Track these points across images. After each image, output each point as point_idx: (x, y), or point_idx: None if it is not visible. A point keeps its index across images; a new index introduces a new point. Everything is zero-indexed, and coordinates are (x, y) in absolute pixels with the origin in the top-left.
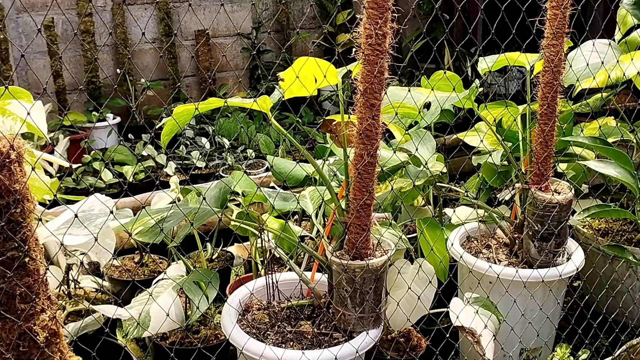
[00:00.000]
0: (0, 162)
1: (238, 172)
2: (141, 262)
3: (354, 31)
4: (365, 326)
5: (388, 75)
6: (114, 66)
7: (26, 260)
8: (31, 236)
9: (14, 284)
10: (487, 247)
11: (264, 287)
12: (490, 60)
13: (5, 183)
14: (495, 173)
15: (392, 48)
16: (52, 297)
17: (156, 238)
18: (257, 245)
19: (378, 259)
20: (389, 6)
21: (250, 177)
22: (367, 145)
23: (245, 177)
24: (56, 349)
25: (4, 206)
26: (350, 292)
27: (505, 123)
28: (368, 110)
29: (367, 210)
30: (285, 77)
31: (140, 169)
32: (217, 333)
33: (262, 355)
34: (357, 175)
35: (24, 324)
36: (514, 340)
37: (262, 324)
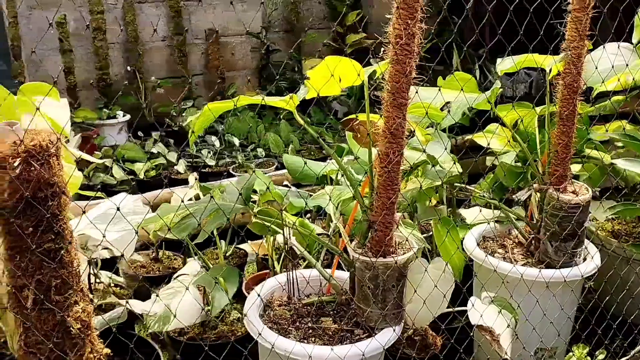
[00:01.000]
0: (41, 156)
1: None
2: (156, 258)
3: (364, 31)
4: (387, 323)
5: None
6: (124, 64)
7: (62, 252)
8: (67, 229)
9: (50, 276)
10: (502, 247)
11: (283, 284)
12: (509, 62)
13: (45, 176)
14: (510, 174)
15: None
16: (85, 290)
17: (183, 233)
18: (273, 242)
19: (402, 256)
20: (420, 6)
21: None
22: (393, 144)
23: (263, 175)
24: (87, 340)
25: (43, 199)
26: (373, 289)
27: (521, 124)
28: (395, 110)
29: (391, 208)
30: (311, 75)
31: (151, 166)
32: (233, 329)
33: (291, 352)
34: (383, 174)
35: (59, 314)
36: (530, 339)
37: (284, 319)
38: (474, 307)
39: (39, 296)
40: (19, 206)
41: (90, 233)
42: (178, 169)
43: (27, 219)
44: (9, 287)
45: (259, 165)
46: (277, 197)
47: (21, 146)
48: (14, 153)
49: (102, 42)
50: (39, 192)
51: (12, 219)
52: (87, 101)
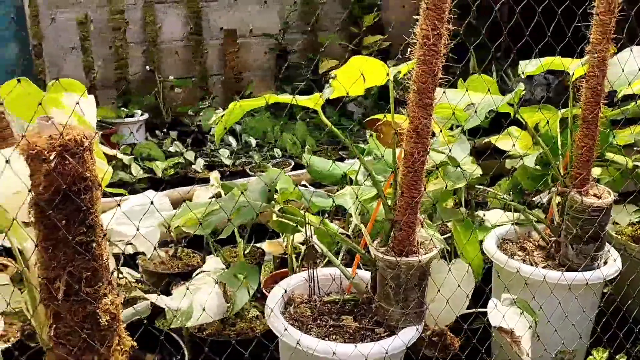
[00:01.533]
0: (75, 150)
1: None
2: (175, 255)
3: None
4: (408, 322)
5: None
6: (143, 63)
7: (93, 245)
8: (98, 222)
9: (82, 268)
10: (522, 250)
11: (303, 282)
12: (534, 64)
13: (79, 170)
14: (530, 176)
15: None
16: (113, 283)
17: (207, 230)
18: (292, 241)
19: (424, 256)
20: (447, 8)
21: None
22: (418, 144)
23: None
24: (115, 333)
25: (76, 192)
26: (394, 288)
27: (546, 127)
28: (421, 110)
29: (415, 208)
30: (338, 75)
31: (169, 164)
32: (252, 326)
33: (315, 349)
34: (407, 174)
35: (89, 306)
36: (549, 342)
37: (305, 317)
38: (494, 309)
39: (71, 288)
40: (53, 199)
41: (118, 228)
42: (196, 168)
43: (60, 211)
44: (40, 278)
45: (275, 165)
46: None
47: (57, 140)
48: (50, 147)
49: (121, 42)
50: (72, 185)
51: (47, 211)
52: (106, 100)
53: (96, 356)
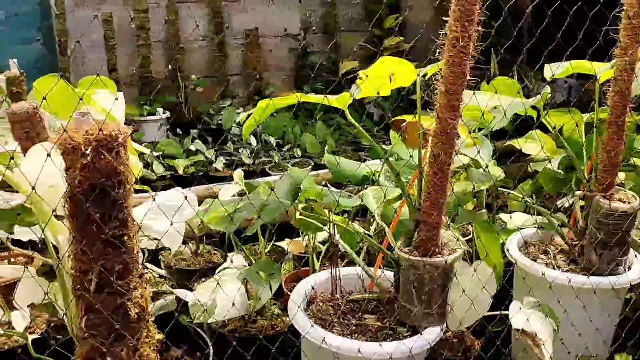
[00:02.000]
0: (110, 145)
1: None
2: (197, 252)
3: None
4: (431, 322)
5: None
6: (165, 62)
7: (125, 239)
8: (130, 216)
9: (113, 261)
10: (544, 253)
11: (326, 281)
12: (559, 67)
13: (113, 165)
14: (552, 180)
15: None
16: (143, 276)
17: (230, 227)
18: (315, 240)
19: (449, 256)
20: (477, 10)
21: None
22: (445, 145)
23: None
24: (144, 325)
25: (110, 187)
26: (418, 288)
27: (575, 131)
28: (449, 111)
29: (440, 209)
30: (364, 75)
31: (190, 162)
32: (273, 323)
33: (339, 348)
34: (433, 174)
35: (120, 299)
36: (570, 346)
37: (327, 315)
38: (517, 312)
39: (103, 280)
40: (88, 193)
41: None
42: (216, 167)
43: (95, 205)
44: (73, 270)
45: (295, 165)
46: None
47: (94, 135)
48: (86, 142)
49: (145, 40)
50: (107, 180)
51: (82, 205)
52: (128, 97)
53: (125, 348)
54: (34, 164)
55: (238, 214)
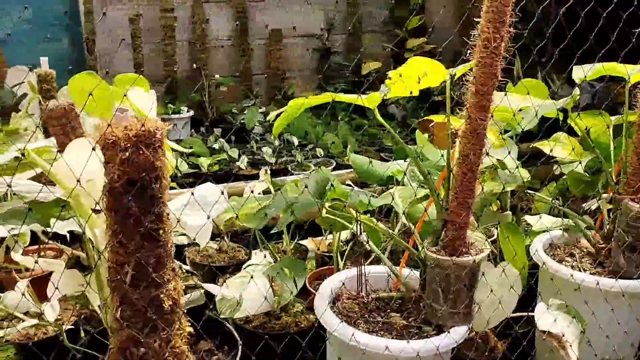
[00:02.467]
0: (148, 141)
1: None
2: (221, 248)
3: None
4: (456, 321)
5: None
6: (190, 61)
7: (160, 232)
8: (165, 211)
9: (149, 254)
10: (570, 256)
11: (351, 279)
12: (589, 69)
13: (151, 160)
14: (578, 183)
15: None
16: (176, 269)
17: (260, 223)
18: (339, 238)
19: (475, 256)
20: (509, 11)
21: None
22: (474, 145)
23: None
24: (176, 318)
25: (148, 181)
26: (444, 287)
27: (594, 133)
28: (479, 111)
29: (468, 209)
30: (392, 75)
31: (214, 161)
32: (297, 320)
33: (367, 344)
34: (462, 175)
35: (154, 291)
36: (597, 349)
37: (352, 312)
38: (543, 314)
39: (138, 273)
40: (126, 187)
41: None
42: (239, 165)
43: (132, 199)
44: (109, 263)
45: (317, 164)
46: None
47: (133, 131)
48: (126, 137)
49: (170, 40)
50: (145, 174)
51: (120, 199)
52: None
53: (158, 339)
54: (73, 158)
55: (267, 211)
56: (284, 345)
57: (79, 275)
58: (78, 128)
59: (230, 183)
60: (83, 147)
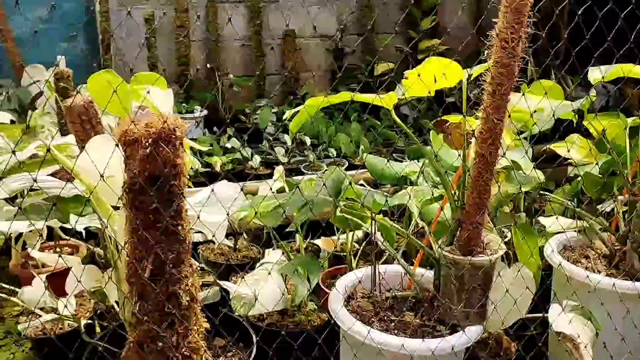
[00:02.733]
0: (168, 138)
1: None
2: (235, 246)
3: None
4: (470, 321)
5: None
6: (203, 61)
7: (179, 229)
8: (183, 208)
9: (167, 250)
10: (584, 258)
11: (364, 277)
12: (606, 70)
13: (171, 157)
14: (593, 184)
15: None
16: (193, 265)
17: (276, 221)
18: (353, 238)
19: (489, 256)
20: (527, 11)
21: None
22: (490, 145)
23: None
24: (193, 313)
25: (167, 178)
26: (458, 286)
27: (609, 135)
28: (495, 111)
29: (482, 209)
30: (409, 75)
31: (227, 160)
32: (310, 319)
33: (383, 343)
34: (477, 175)
35: (172, 287)
36: (612, 351)
37: (366, 311)
38: (558, 315)
39: (156, 268)
40: (146, 184)
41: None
42: (252, 165)
43: (152, 196)
44: (129, 258)
45: (329, 164)
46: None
47: (153, 128)
48: (146, 134)
49: (185, 39)
50: (164, 171)
51: (140, 195)
52: None
53: (176, 334)
54: (94, 155)
55: (278, 210)
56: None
57: (97, 271)
58: (97, 125)
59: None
60: (104, 144)
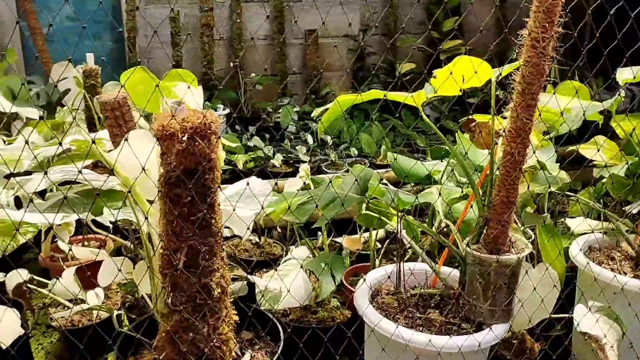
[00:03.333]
0: (203, 132)
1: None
2: (258, 243)
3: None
4: (496, 319)
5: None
6: (227, 60)
7: (212, 222)
8: (217, 201)
9: (201, 242)
10: (610, 259)
11: (389, 275)
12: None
13: (206, 151)
14: (622, 186)
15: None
16: (224, 258)
17: (303, 217)
18: (377, 236)
19: (515, 255)
20: (558, 11)
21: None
22: (519, 144)
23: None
24: (223, 305)
25: (201, 172)
26: (484, 285)
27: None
28: (524, 110)
29: (509, 207)
30: (438, 75)
31: (249, 158)
32: (333, 315)
33: (410, 340)
34: (505, 173)
35: (203, 279)
36: (638, 352)
37: (392, 308)
38: (583, 315)
39: (190, 260)
40: (182, 177)
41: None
42: (274, 163)
43: (186, 188)
44: (162, 250)
45: (351, 164)
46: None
47: (190, 123)
48: (183, 129)
49: (208, 38)
50: (199, 165)
51: (175, 188)
52: None
53: (207, 325)
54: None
55: (309, 206)
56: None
57: (128, 263)
58: (130, 121)
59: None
60: (140, 139)
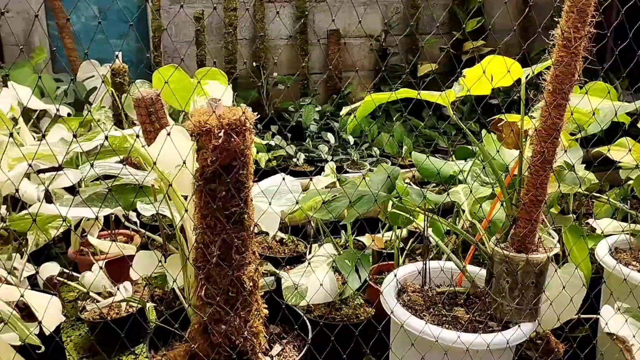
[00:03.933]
0: (239, 129)
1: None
2: (282, 241)
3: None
4: (522, 318)
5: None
6: (250, 59)
7: (245, 217)
8: (249, 196)
9: (234, 236)
10: (636, 260)
11: (414, 272)
12: None
13: (241, 147)
14: None
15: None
16: (256, 252)
17: (331, 215)
18: (400, 234)
19: (543, 254)
20: (591, 11)
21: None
22: (549, 144)
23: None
24: (254, 299)
25: (236, 167)
26: (511, 283)
27: None
28: (554, 110)
29: (537, 206)
30: (467, 74)
31: (272, 156)
32: (357, 312)
33: (438, 337)
34: (535, 172)
35: (236, 272)
36: None
37: (417, 305)
38: (610, 316)
39: (223, 253)
40: (217, 172)
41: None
42: (296, 162)
43: (221, 183)
44: (196, 244)
45: (372, 163)
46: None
47: (226, 119)
48: (219, 125)
49: (232, 38)
50: (234, 161)
51: (210, 183)
52: None
53: (238, 318)
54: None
55: (338, 202)
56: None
57: (160, 256)
58: (163, 117)
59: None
60: (176, 135)
